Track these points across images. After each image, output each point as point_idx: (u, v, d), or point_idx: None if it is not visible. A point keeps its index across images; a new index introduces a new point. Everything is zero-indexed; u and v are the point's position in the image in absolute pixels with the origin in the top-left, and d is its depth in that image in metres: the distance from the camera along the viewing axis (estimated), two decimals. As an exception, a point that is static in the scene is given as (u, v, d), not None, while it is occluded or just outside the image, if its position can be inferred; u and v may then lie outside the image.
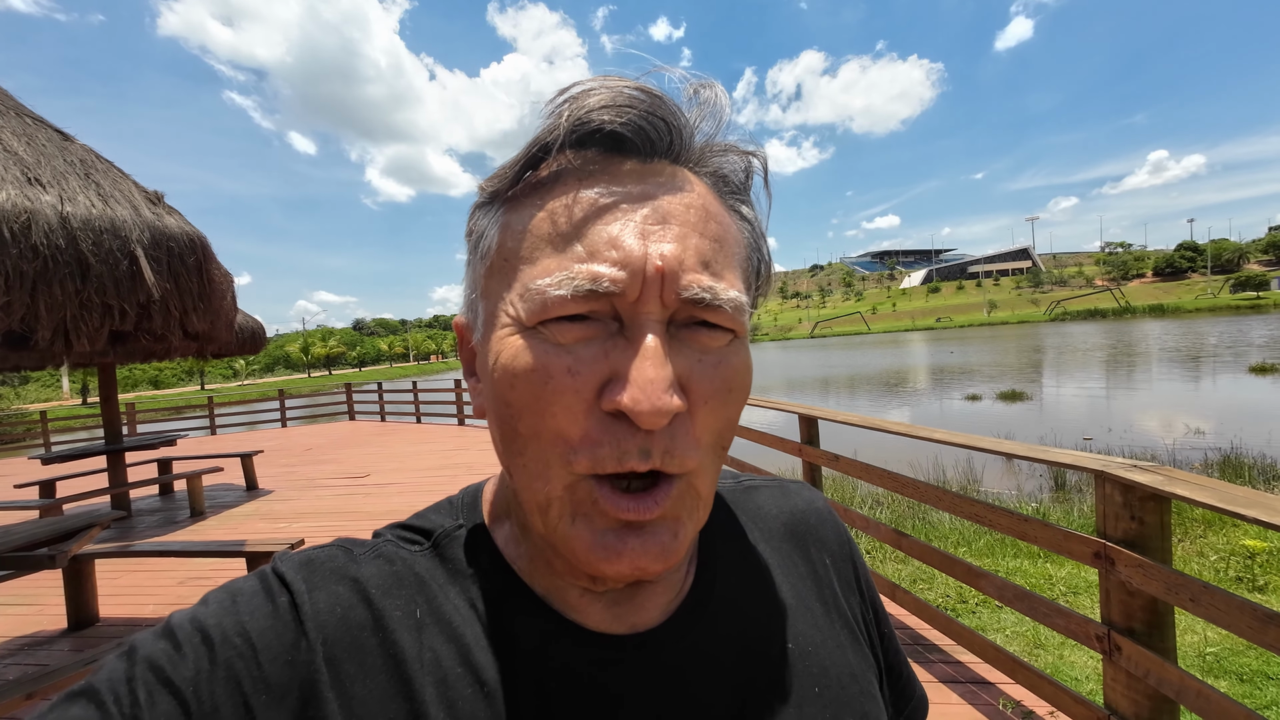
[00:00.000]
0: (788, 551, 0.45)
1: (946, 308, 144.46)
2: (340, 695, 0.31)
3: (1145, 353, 27.06)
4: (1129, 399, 14.29)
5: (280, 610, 0.33)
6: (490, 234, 0.33)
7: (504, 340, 0.31)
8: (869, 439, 8.93)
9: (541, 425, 0.30)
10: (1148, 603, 1.66)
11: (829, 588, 0.45)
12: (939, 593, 3.88)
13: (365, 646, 0.33)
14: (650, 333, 0.29)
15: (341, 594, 0.34)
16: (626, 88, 0.31)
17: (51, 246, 2.04)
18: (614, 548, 0.30)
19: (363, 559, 0.36)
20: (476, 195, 0.36)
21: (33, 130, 2.35)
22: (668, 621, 0.38)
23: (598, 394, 0.29)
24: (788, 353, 60.44)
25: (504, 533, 0.39)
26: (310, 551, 0.37)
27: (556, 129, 0.30)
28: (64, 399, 72.61)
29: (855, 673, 0.41)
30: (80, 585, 3.38)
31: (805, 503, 0.49)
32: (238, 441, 12.51)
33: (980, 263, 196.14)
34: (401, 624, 0.34)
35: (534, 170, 0.32)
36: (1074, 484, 6.68)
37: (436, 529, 0.39)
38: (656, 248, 0.29)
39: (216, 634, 0.31)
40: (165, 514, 6.22)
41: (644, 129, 0.31)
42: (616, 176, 0.31)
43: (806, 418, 3.55)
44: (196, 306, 2.51)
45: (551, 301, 0.29)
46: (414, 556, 0.37)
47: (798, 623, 0.41)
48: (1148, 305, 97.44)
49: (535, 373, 0.30)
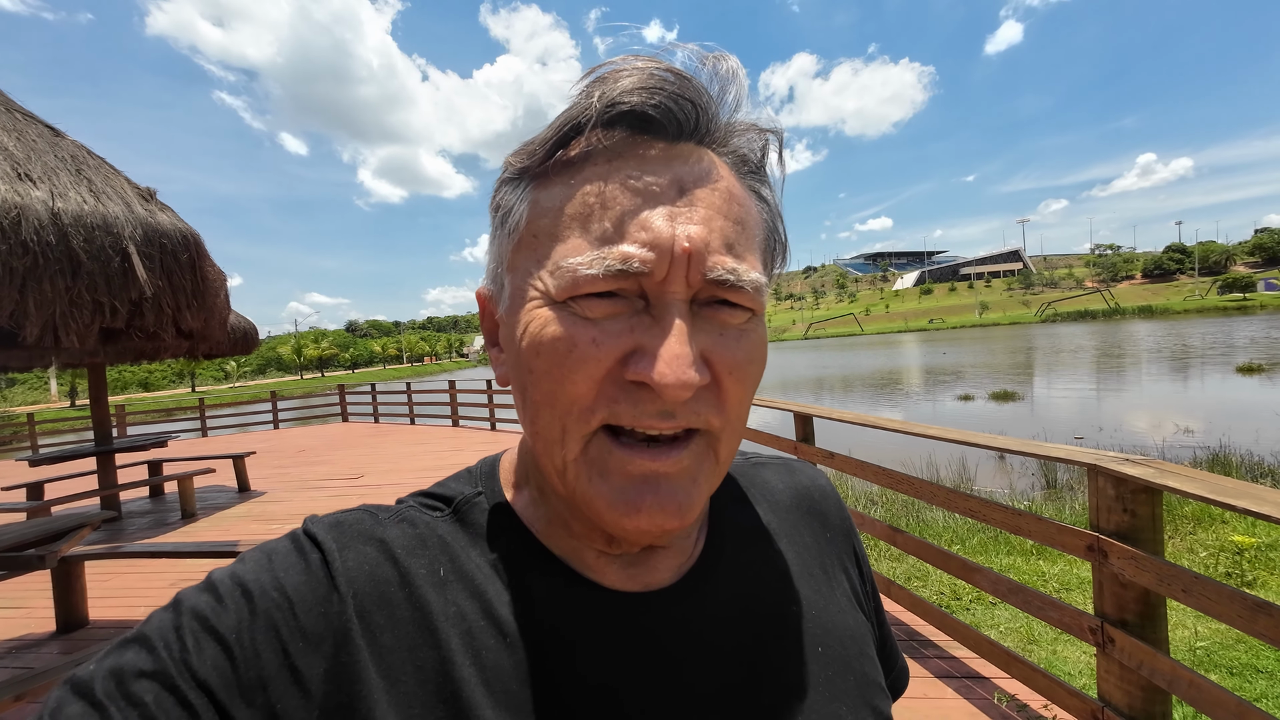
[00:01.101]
0: (794, 522, 0.48)
1: (939, 309, 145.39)
2: (371, 644, 0.33)
3: (1135, 353, 27.34)
4: (1119, 399, 14.44)
5: (313, 567, 0.34)
6: (519, 210, 0.34)
7: (532, 312, 0.33)
8: (863, 439, 8.97)
9: (560, 391, 0.32)
10: (1140, 594, 1.67)
11: (832, 557, 0.47)
12: (933, 590, 3.90)
13: (393, 600, 0.34)
14: (675, 311, 0.31)
15: (369, 553, 0.36)
16: (656, 69, 0.32)
17: (42, 243, 2.02)
18: (633, 503, 0.32)
19: (387, 522, 0.38)
20: (502, 170, 0.36)
21: (23, 126, 2.32)
22: (680, 581, 0.40)
23: (619, 365, 0.31)
24: (782, 354, 60.61)
25: (523, 499, 0.41)
26: (338, 515, 0.38)
27: (588, 109, 0.31)
28: (51, 401, 71.74)
29: (854, 635, 0.44)
30: (69, 587, 3.34)
31: (810, 479, 0.52)
32: (229, 443, 12.39)
33: (972, 264, 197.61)
34: (426, 581, 0.36)
35: (564, 149, 0.33)
36: (1065, 483, 6.74)
37: (457, 495, 0.41)
38: (684, 229, 0.31)
39: (255, 588, 0.32)
40: (156, 516, 6.16)
41: (672, 111, 0.32)
42: (645, 158, 0.32)
43: (802, 415, 3.57)
44: (190, 304, 2.49)
45: (582, 280, 0.31)
46: (435, 520, 0.39)
47: (802, 587, 0.44)
48: (1137, 306, 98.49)
49: (560, 342, 0.31)
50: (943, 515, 5.60)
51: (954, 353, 38.08)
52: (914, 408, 16.07)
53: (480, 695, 0.33)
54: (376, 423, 14.02)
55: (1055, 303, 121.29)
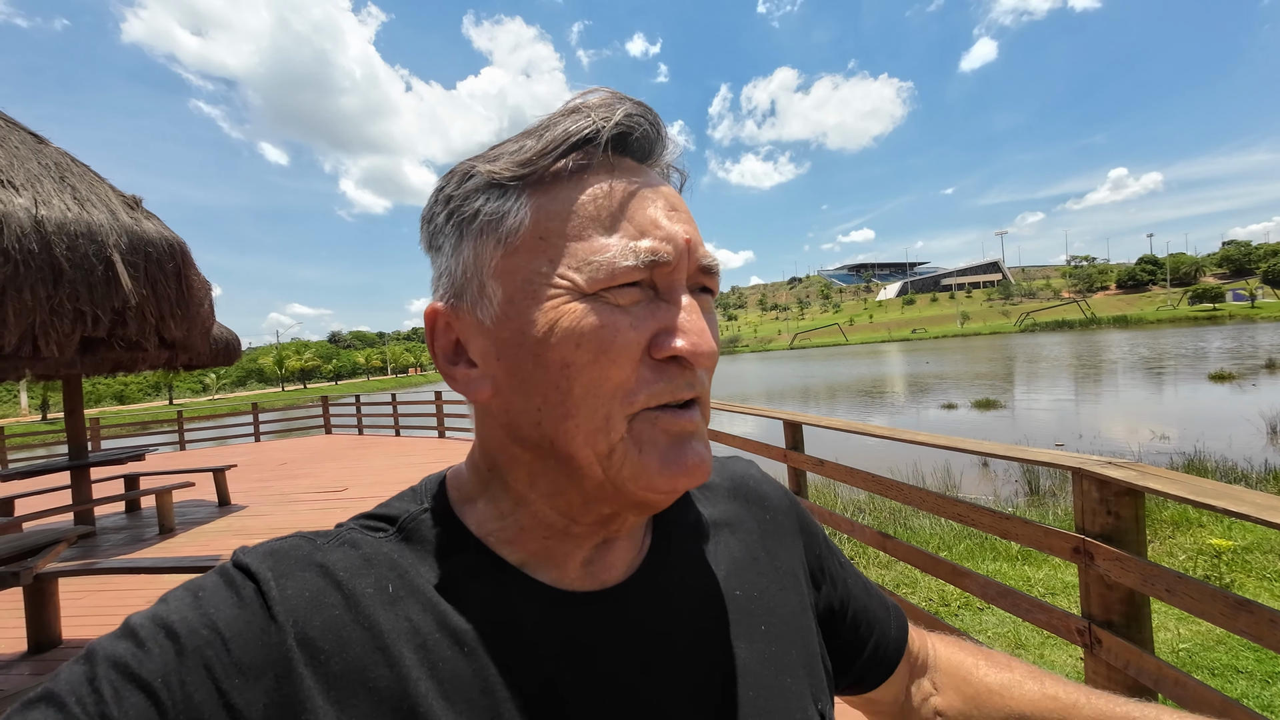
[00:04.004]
0: (734, 510, 0.51)
1: (921, 319, 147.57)
2: (317, 672, 0.32)
3: (1111, 362, 27.97)
4: (1097, 407, 14.75)
5: (246, 599, 0.33)
6: (516, 216, 0.36)
7: (561, 308, 0.34)
8: (849, 447, 9.03)
9: (605, 376, 0.34)
10: (1125, 595, 1.71)
11: (772, 538, 0.51)
12: (921, 596, 3.93)
13: (339, 623, 0.34)
14: (687, 294, 0.36)
15: (309, 579, 0.35)
16: (632, 101, 0.37)
17: (23, 250, 1.98)
18: (680, 462, 0.35)
19: (327, 547, 0.37)
20: (467, 179, 0.37)
21: (5, 132, 2.28)
22: (633, 576, 0.42)
23: (646, 347, 0.35)
24: (768, 364, 60.98)
25: (476, 511, 0.41)
26: (273, 543, 0.37)
27: (593, 128, 0.35)
28: (22, 415, 69.63)
29: (797, 611, 0.48)
30: (42, 605, 3.23)
31: (743, 469, 0.56)
32: (209, 457, 12.12)
33: (953, 275, 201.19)
34: (374, 600, 0.35)
35: (563, 160, 0.35)
36: (1047, 489, 6.85)
37: (401, 514, 0.40)
38: (680, 228, 0.36)
39: (182, 628, 0.31)
40: (132, 532, 5.99)
41: (650, 136, 0.38)
42: (631, 171, 0.37)
43: (791, 423, 3.59)
44: (174, 313, 2.45)
45: (620, 271, 0.34)
46: (380, 541, 0.39)
47: (746, 571, 0.47)
48: (1112, 316, 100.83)
49: (604, 329, 0.34)
50: (929, 522, 5.66)
51: (937, 362, 38.64)
52: (899, 416, 16.26)
53: (440, 708, 0.33)
54: (361, 435, 13.80)
55: (1034, 313, 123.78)
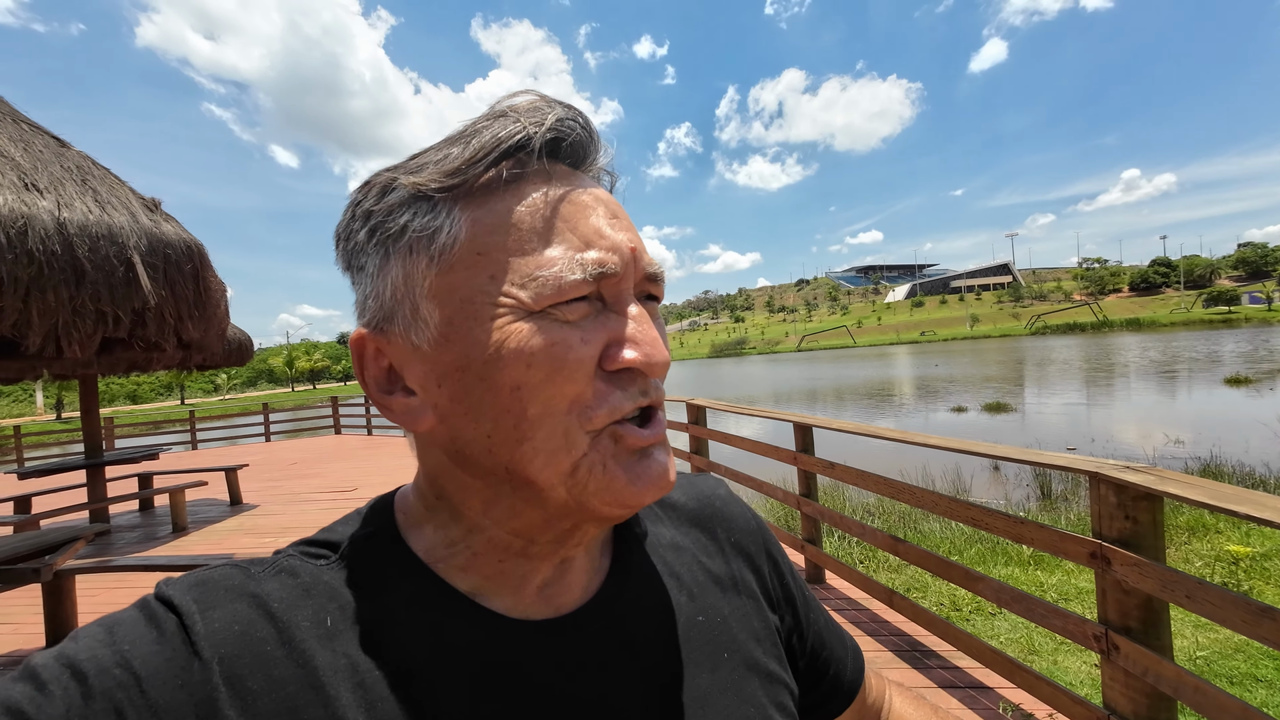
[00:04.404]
0: (695, 535, 0.49)
1: (930, 322, 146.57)
2: (244, 712, 0.29)
3: (1124, 366, 27.65)
4: (1110, 410, 14.58)
5: (166, 634, 0.30)
6: (450, 231, 0.33)
7: (507, 328, 0.32)
8: (858, 450, 8.99)
9: (559, 395, 0.32)
10: (1143, 601, 1.69)
11: (735, 562, 0.49)
12: (933, 600, 3.90)
13: (270, 660, 0.31)
14: (635, 304, 0.35)
15: (240, 610, 0.32)
16: (563, 105, 0.35)
17: (47, 252, 2.02)
18: (643, 475, 0.35)
19: (262, 576, 0.35)
20: (387, 192, 0.34)
21: (29, 136, 2.33)
22: (589, 602, 0.40)
23: (599, 360, 0.34)
24: (776, 366, 60.78)
25: (425, 536, 0.38)
26: (202, 573, 0.35)
27: (525, 134, 0.33)
28: (38, 414, 70.65)
29: (761, 636, 0.46)
30: (60, 602, 3.27)
31: (710, 490, 0.54)
32: (220, 456, 12.24)
33: (962, 278, 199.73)
34: (310, 634, 0.33)
35: (493, 169, 0.33)
36: (1060, 493, 6.78)
37: (343, 540, 0.38)
38: (624, 236, 0.35)
39: (90, 667, 0.28)
40: (145, 530, 6.06)
41: (583, 141, 0.36)
42: (567, 178, 0.35)
43: (801, 426, 3.59)
44: (192, 314, 2.49)
45: (568, 285, 0.32)
46: (321, 569, 0.36)
47: (707, 596, 0.45)
48: (1125, 319, 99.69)
49: (555, 347, 0.32)
50: (939, 526, 5.61)
51: (946, 365, 38.36)
52: (908, 419, 16.15)
53: None
54: (370, 435, 13.90)
55: (1045, 315, 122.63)
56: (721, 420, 12.78)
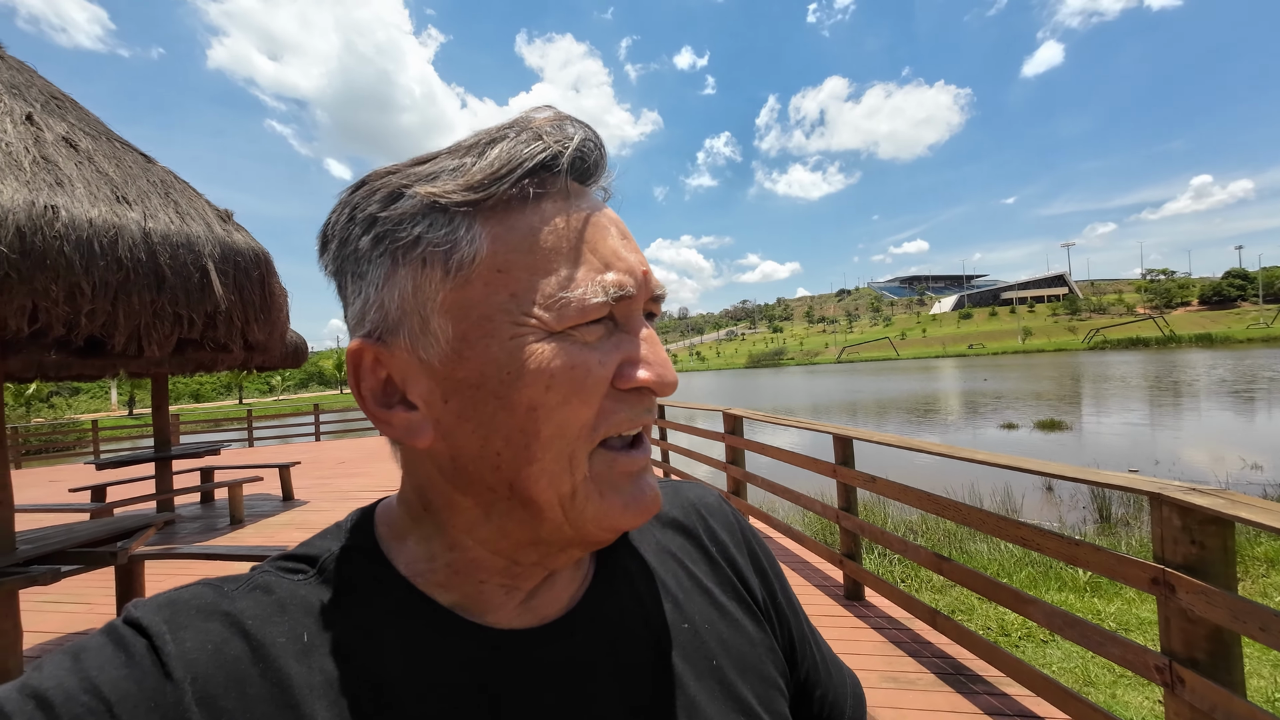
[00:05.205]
0: (681, 541, 0.49)
1: (979, 334, 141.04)
2: None
3: (1193, 383, 25.90)
4: (1177, 431, 13.68)
5: (136, 657, 0.30)
6: (471, 246, 0.32)
7: (527, 347, 0.32)
8: (902, 466, 8.72)
9: (573, 417, 0.33)
10: (1211, 632, 1.59)
11: (722, 569, 0.48)
12: (979, 625, 3.75)
13: (245, 678, 0.31)
14: (646, 325, 0.36)
15: (212, 630, 0.32)
16: (582, 123, 0.35)
17: (134, 259, 2.20)
18: (637, 500, 0.36)
19: (235, 594, 0.34)
20: (410, 199, 0.33)
21: (121, 153, 2.54)
22: (575, 608, 0.40)
23: (611, 380, 0.34)
24: (814, 377, 59.58)
25: (407, 549, 0.38)
26: (172, 593, 0.34)
27: (551, 153, 0.33)
28: (112, 410, 75.77)
29: (754, 640, 0.45)
30: (130, 584, 3.50)
31: (697, 497, 0.53)
32: (274, 454, 12.84)
33: (1014, 289, 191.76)
34: (286, 650, 0.33)
35: (517, 185, 0.33)
36: (1120, 517, 6.40)
37: (322, 554, 0.38)
38: (636, 258, 0.36)
39: (57, 696, 0.28)
40: (206, 521, 6.42)
41: (597, 161, 0.36)
42: (581, 196, 0.35)
43: (841, 438, 3.52)
44: (257, 318, 2.65)
45: (591, 308, 0.32)
46: (297, 584, 0.36)
47: (695, 602, 0.45)
48: (1194, 335, 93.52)
49: (576, 370, 0.32)
50: (988, 548, 5.38)
51: (995, 379, 36.80)
52: (953, 435, 15.55)
53: None
54: (412, 437, 14.32)
55: (1104, 329, 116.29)
56: (759, 431, 12.62)
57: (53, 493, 8.55)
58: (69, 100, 2.76)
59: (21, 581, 2.36)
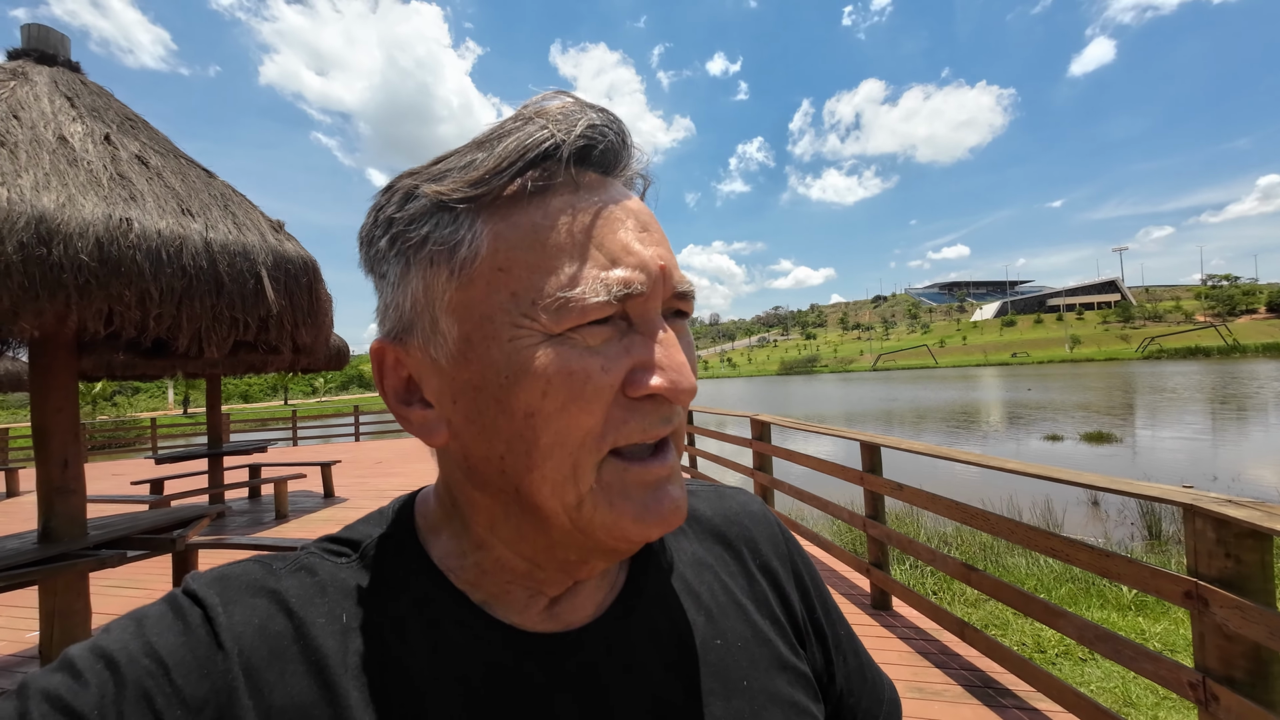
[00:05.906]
0: (719, 552, 0.47)
1: (1023, 342, 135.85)
2: (259, 704, 0.31)
3: (1260, 397, 24.34)
4: (1239, 447, 12.89)
5: (192, 626, 0.32)
6: (471, 243, 0.32)
7: (526, 351, 0.31)
8: (932, 476, 8.50)
9: (573, 425, 0.31)
10: (1249, 649, 1.54)
11: (760, 585, 0.46)
12: (1013, 640, 3.64)
13: (285, 654, 0.32)
14: (662, 325, 0.33)
15: (259, 605, 0.34)
16: (596, 109, 0.33)
17: (196, 267, 2.38)
18: (654, 510, 0.33)
19: (282, 573, 0.36)
20: (419, 200, 0.32)
21: (185, 169, 2.75)
22: (599, 619, 0.39)
23: (621, 387, 0.32)
24: (848, 385, 58.41)
25: (441, 543, 0.38)
26: (224, 568, 0.36)
27: (553, 141, 0.31)
28: (169, 408, 79.98)
29: (785, 664, 0.43)
30: (185, 571, 3.74)
31: (740, 506, 0.51)
32: (316, 453, 13.36)
33: (1061, 295, 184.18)
34: (325, 630, 0.34)
35: (519, 178, 0.32)
36: (1172, 534, 6.09)
37: (364, 539, 0.39)
38: (653, 251, 0.33)
39: (122, 657, 0.30)
40: (253, 515, 6.75)
41: (616, 149, 0.34)
42: (595, 187, 0.33)
43: (869, 445, 3.49)
44: (305, 321, 2.82)
45: (591, 308, 0.30)
46: (339, 567, 0.37)
47: (728, 618, 0.43)
48: (1261, 344, 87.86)
49: (574, 376, 0.31)
50: (1025, 561, 5.22)
51: (1040, 389, 35.37)
52: (994, 446, 15.02)
53: None
54: (446, 439, 14.68)
55: (1160, 338, 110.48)
56: (787, 437, 12.47)
57: (116, 485, 9.12)
58: (140, 120, 3.00)
59: (93, 564, 2.56)
